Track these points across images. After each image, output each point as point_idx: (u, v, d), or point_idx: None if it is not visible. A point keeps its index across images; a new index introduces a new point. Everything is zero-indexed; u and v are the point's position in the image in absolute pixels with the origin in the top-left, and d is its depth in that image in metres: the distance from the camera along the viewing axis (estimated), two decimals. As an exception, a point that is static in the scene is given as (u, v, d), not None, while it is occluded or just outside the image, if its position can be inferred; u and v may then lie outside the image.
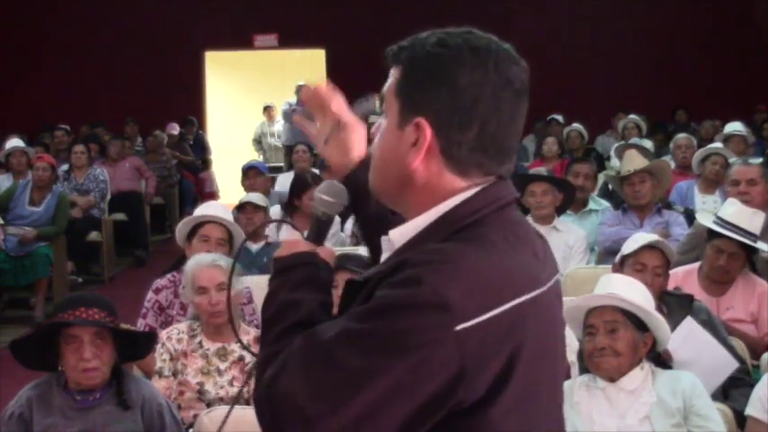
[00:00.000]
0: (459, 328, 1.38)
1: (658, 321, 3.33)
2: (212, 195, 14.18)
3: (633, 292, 3.33)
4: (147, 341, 3.45)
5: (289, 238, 1.77)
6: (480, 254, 1.46)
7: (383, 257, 1.63)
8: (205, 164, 14.68)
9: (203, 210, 4.85)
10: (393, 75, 1.59)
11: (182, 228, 4.77)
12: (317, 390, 1.40)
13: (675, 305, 4.09)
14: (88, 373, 3.17)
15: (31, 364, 3.29)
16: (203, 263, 3.98)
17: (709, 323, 4.03)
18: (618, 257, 4.29)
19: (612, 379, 3.28)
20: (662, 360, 3.46)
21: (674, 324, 3.64)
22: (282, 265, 1.67)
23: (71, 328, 3.15)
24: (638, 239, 4.22)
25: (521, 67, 1.60)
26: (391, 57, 1.60)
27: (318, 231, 1.79)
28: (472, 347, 1.39)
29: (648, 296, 3.40)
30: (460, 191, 1.53)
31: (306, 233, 1.79)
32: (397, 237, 1.58)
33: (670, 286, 4.39)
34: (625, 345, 3.26)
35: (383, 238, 1.64)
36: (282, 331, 1.54)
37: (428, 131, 1.52)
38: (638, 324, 3.29)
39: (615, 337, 3.26)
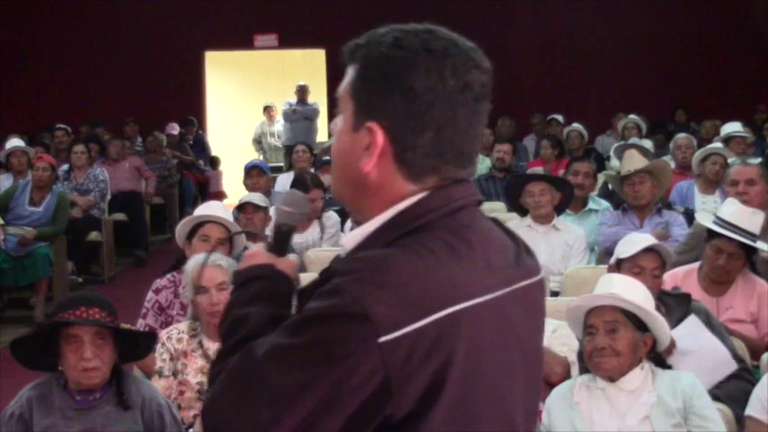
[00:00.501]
0: (382, 340, 1.34)
1: (658, 321, 3.33)
2: (220, 194, 14.26)
3: (633, 292, 3.33)
4: (147, 341, 3.45)
5: (252, 249, 1.72)
6: (412, 262, 1.40)
7: None
8: (213, 163, 14.70)
9: (203, 210, 4.85)
10: (349, 74, 1.53)
11: (181, 228, 4.77)
12: (242, 414, 1.39)
13: (674, 305, 4.09)
14: (88, 372, 3.17)
15: (32, 364, 3.29)
16: (202, 262, 3.98)
17: (708, 323, 4.03)
18: (613, 260, 4.28)
19: (612, 379, 3.28)
20: (662, 360, 3.46)
21: (672, 324, 3.64)
22: (239, 278, 1.66)
23: (71, 328, 3.15)
24: (636, 242, 4.21)
25: (482, 70, 1.51)
26: (348, 55, 1.54)
27: (279, 242, 1.75)
28: (397, 360, 1.34)
29: (648, 296, 3.40)
30: (411, 195, 1.48)
31: (267, 245, 1.74)
32: (349, 242, 1.53)
33: (669, 286, 4.40)
34: (625, 345, 3.26)
35: (341, 243, 1.63)
36: (231, 347, 1.52)
37: (380, 137, 1.46)
38: (638, 324, 3.29)
39: (615, 338, 3.26)
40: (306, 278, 5.57)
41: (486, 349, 1.44)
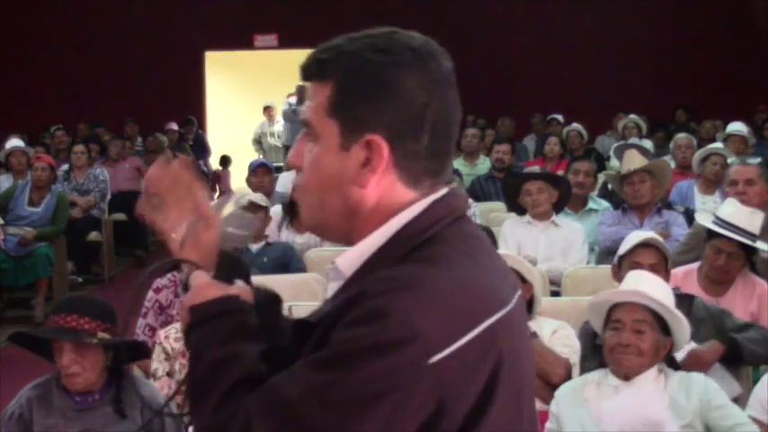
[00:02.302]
0: (434, 360, 1.28)
1: (681, 325, 3.31)
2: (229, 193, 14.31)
3: (661, 293, 3.32)
4: (135, 351, 3.42)
5: (198, 280, 1.52)
6: (444, 275, 1.34)
7: (329, 288, 1.49)
8: (225, 162, 14.70)
9: None
10: (319, 92, 1.44)
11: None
12: None
13: (677, 305, 4.07)
14: (69, 378, 3.17)
15: (33, 350, 3.30)
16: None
17: (708, 316, 4.02)
18: (615, 259, 4.28)
19: (627, 377, 3.27)
20: (674, 362, 3.44)
21: None
22: (202, 315, 1.46)
23: None
24: (633, 238, 4.22)
25: (447, 57, 1.46)
26: (315, 71, 1.46)
27: (230, 269, 1.56)
28: (450, 378, 1.30)
29: (672, 298, 3.38)
30: (411, 203, 1.42)
31: (214, 273, 1.55)
32: (345, 264, 1.43)
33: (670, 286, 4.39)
34: (649, 345, 3.24)
35: (328, 267, 1.49)
36: (227, 392, 1.37)
37: (385, 148, 1.39)
38: (662, 327, 3.28)
39: (642, 337, 3.24)
40: (306, 278, 5.51)
41: (515, 356, 1.41)
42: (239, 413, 1.33)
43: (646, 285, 3.34)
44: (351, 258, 1.43)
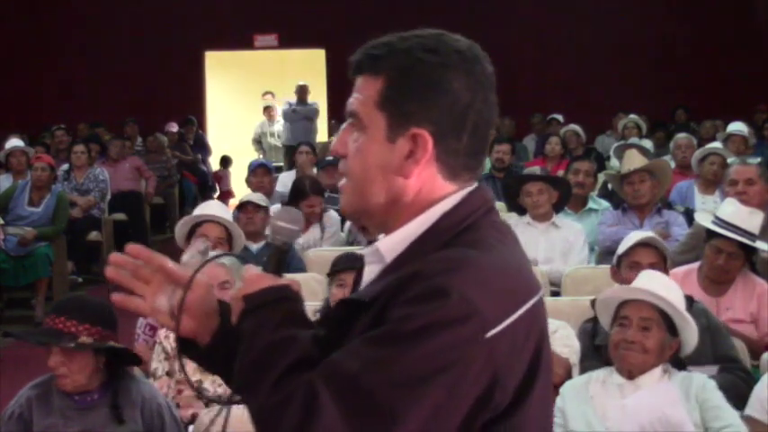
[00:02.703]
0: (489, 335, 1.38)
1: (689, 326, 3.30)
2: (230, 193, 14.33)
3: (671, 294, 3.32)
4: (128, 358, 3.40)
5: (251, 273, 1.60)
6: (489, 258, 1.44)
7: (367, 271, 1.57)
8: (225, 163, 14.70)
9: (202, 209, 4.86)
10: (370, 86, 1.52)
11: (181, 227, 4.78)
12: (359, 429, 1.34)
13: None
14: (57, 379, 3.17)
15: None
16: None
17: (708, 327, 4.00)
18: (614, 259, 4.28)
19: (632, 375, 3.27)
20: (680, 362, 3.43)
21: None
22: (256, 302, 1.53)
23: None
24: (632, 238, 4.22)
25: (489, 61, 1.56)
26: (367, 66, 1.54)
27: (279, 262, 1.64)
28: (502, 352, 1.39)
29: (683, 299, 3.38)
30: (449, 195, 1.51)
31: (264, 265, 1.63)
32: (386, 248, 1.52)
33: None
34: (654, 344, 3.24)
35: (366, 251, 1.58)
36: (286, 372, 1.42)
37: (430, 142, 1.49)
38: (670, 327, 3.28)
39: (647, 335, 3.24)
40: (306, 278, 5.51)
41: (547, 337, 1.52)
42: (300, 391, 1.38)
43: (656, 285, 3.34)
44: (392, 243, 1.51)
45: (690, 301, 4.10)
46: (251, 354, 1.48)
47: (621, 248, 4.20)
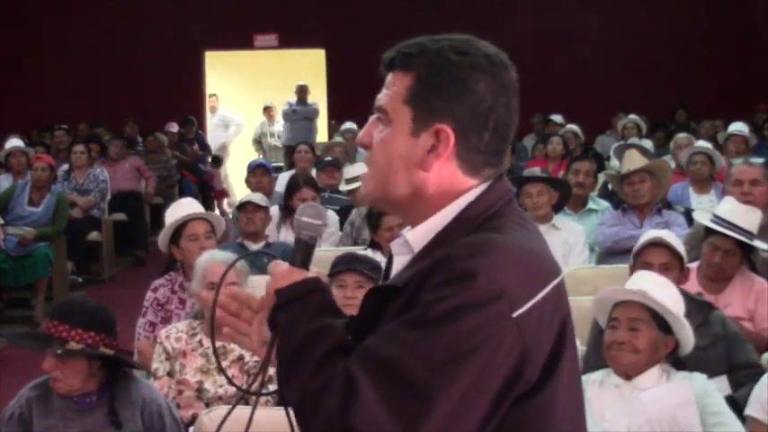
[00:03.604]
0: (517, 314, 1.45)
1: (682, 326, 3.29)
2: (224, 193, 14.33)
3: (663, 292, 3.31)
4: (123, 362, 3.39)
5: (280, 268, 1.66)
6: (514, 242, 1.52)
7: (396, 262, 1.64)
8: (216, 162, 14.72)
9: (178, 211, 4.95)
10: (399, 82, 1.59)
11: (165, 235, 4.88)
12: (397, 410, 1.40)
13: (694, 310, 3.97)
14: (51, 382, 3.17)
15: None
16: (218, 259, 4.00)
17: (725, 335, 3.96)
18: (630, 259, 4.24)
19: (628, 376, 3.26)
20: (680, 362, 3.42)
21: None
22: (289, 296, 1.60)
23: None
24: (643, 237, 4.20)
25: (513, 69, 1.64)
26: (398, 63, 1.60)
27: (305, 256, 1.70)
28: (530, 329, 1.46)
29: (679, 299, 3.36)
30: (473, 188, 1.58)
31: (291, 260, 1.69)
32: (415, 239, 1.59)
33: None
34: (645, 343, 3.24)
35: (394, 243, 1.65)
36: (322, 360, 1.49)
37: (452, 138, 1.55)
38: (663, 325, 3.27)
39: (636, 335, 3.24)
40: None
41: (570, 317, 1.60)
42: (339, 375, 1.45)
43: (646, 284, 3.33)
44: (420, 234, 1.58)
45: (708, 307, 4.07)
46: (288, 345, 1.55)
47: (635, 249, 4.18)
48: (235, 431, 3.00)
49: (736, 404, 3.57)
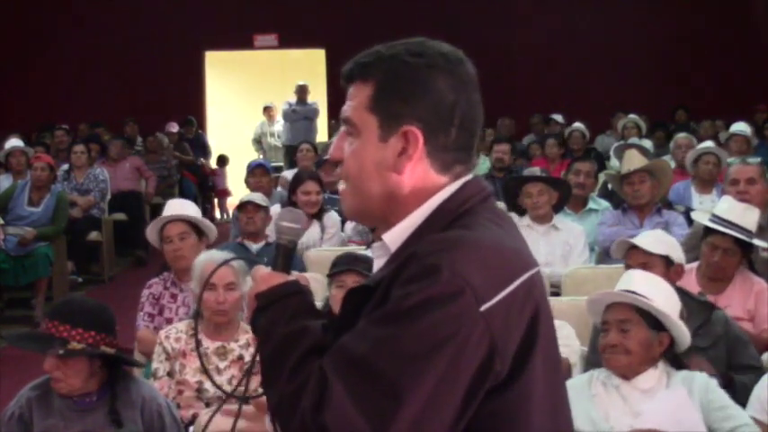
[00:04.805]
0: (484, 308, 1.45)
1: (673, 322, 3.28)
2: (226, 192, 14.31)
3: (651, 290, 3.30)
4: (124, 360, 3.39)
5: (261, 272, 1.71)
6: (483, 237, 1.53)
7: (375, 265, 1.66)
8: (222, 162, 14.73)
9: (166, 212, 4.99)
10: (360, 92, 1.61)
11: (151, 236, 4.95)
12: (367, 408, 1.41)
13: (695, 310, 3.95)
14: (52, 382, 3.18)
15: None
16: (215, 259, 4.01)
17: (726, 336, 3.96)
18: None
19: (627, 377, 3.26)
20: (678, 361, 3.41)
21: (690, 330, 3.55)
22: (269, 299, 1.63)
23: None
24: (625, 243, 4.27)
25: (471, 64, 1.66)
26: (357, 74, 1.63)
27: (286, 260, 1.75)
28: (498, 324, 1.46)
29: (671, 294, 3.35)
30: (446, 185, 1.60)
31: (273, 264, 1.74)
32: (391, 239, 1.61)
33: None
34: (636, 343, 3.23)
35: (374, 245, 1.68)
36: (298, 361, 1.52)
37: (420, 138, 1.57)
38: (654, 323, 3.25)
39: (627, 336, 3.23)
40: (306, 277, 5.48)
41: (547, 313, 1.58)
42: (314, 375, 1.47)
43: (636, 284, 3.33)
44: (396, 234, 1.60)
45: (710, 307, 4.07)
46: (267, 348, 1.58)
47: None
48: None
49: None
